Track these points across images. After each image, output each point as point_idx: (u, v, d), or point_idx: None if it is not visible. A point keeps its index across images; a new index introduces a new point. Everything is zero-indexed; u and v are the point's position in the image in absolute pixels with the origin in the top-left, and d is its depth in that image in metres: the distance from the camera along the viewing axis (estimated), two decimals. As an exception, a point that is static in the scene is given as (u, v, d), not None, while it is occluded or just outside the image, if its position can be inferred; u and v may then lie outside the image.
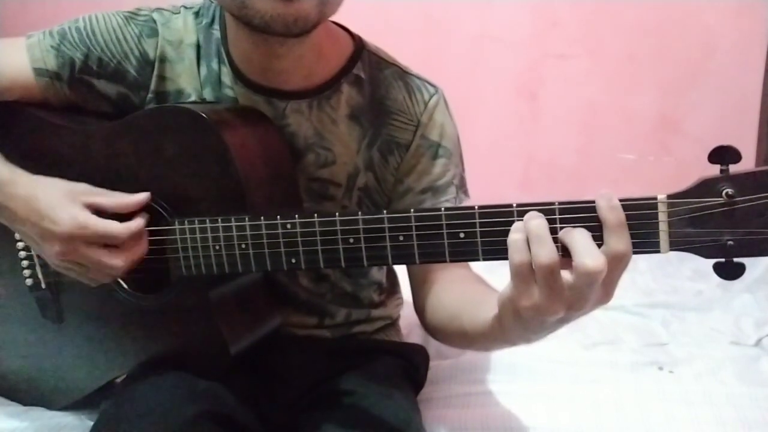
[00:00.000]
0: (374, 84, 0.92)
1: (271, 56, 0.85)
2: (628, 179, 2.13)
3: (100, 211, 0.79)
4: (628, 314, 1.47)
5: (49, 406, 0.99)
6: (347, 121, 0.91)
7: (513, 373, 1.15)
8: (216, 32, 0.90)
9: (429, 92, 0.93)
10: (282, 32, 0.77)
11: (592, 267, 0.56)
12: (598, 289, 0.58)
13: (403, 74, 0.94)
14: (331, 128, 0.90)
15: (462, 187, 0.96)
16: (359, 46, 0.93)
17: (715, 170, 0.58)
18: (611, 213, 0.58)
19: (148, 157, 0.82)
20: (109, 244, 0.78)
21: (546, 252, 0.58)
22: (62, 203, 0.78)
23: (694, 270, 1.71)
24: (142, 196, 0.80)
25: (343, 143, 0.91)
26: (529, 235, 0.59)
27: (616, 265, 0.58)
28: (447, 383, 1.12)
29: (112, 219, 0.79)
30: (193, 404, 0.79)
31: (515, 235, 0.60)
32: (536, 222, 0.59)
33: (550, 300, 0.59)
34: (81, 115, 0.90)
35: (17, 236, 0.91)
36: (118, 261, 0.78)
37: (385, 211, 0.67)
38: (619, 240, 0.58)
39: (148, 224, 0.82)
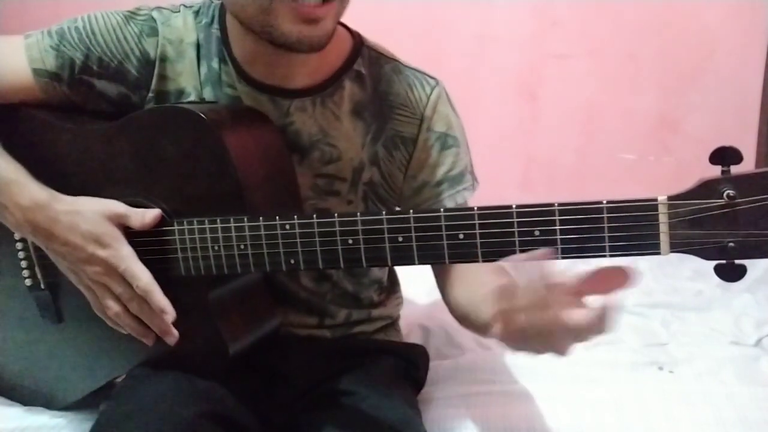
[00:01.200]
0: (375, 79, 0.93)
1: (277, 58, 0.86)
2: (628, 179, 2.13)
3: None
4: (628, 314, 1.46)
5: (50, 406, 0.99)
6: (350, 116, 0.91)
7: (513, 373, 1.16)
8: (216, 31, 0.90)
9: (430, 85, 0.94)
10: (307, 51, 0.79)
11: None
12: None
13: (402, 68, 0.95)
14: (335, 124, 0.91)
15: (472, 175, 0.98)
16: (358, 42, 0.94)
17: (715, 171, 0.58)
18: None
19: (147, 158, 0.82)
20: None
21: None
22: (104, 225, 0.78)
23: (694, 270, 1.71)
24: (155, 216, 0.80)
25: (347, 139, 0.91)
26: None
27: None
28: (447, 383, 1.11)
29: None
30: (192, 404, 0.79)
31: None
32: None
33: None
34: (80, 115, 0.90)
35: (16, 236, 0.91)
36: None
37: (384, 212, 0.67)
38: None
39: None
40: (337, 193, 0.93)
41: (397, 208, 0.97)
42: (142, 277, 0.77)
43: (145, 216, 0.80)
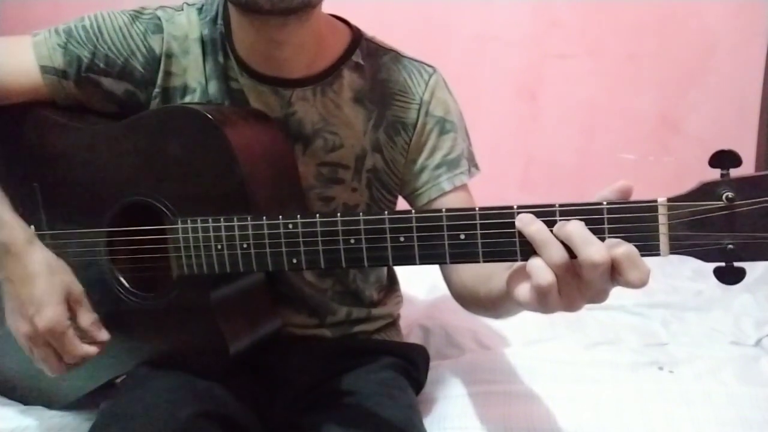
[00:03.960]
0: (374, 69, 0.95)
1: (273, 44, 0.87)
2: (628, 179, 2.12)
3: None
4: (628, 314, 1.47)
5: (50, 405, 0.99)
6: (351, 104, 0.93)
7: (513, 374, 1.16)
8: (220, 27, 0.92)
9: (428, 72, 0.97)
10: (269, 9, 0.79)
11: (597, 258, 0.57)
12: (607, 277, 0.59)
13: (400, 58, 0.97)
14: (336, 112, 0.93)
15: (472, 161, 1.00)
16: (357, 35, 0.96)
17: (715, 173, 0.58)
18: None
19: (152, 157, 0.83)
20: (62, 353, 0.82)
21: (556, 252, 0.59)
22: (55, 299, 0.80)
23: (694, 270, 1.71)
24: (105, 337, 0.85)
25: (348, 126, 0.93)
26: (532, 241, 0.61)
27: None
28: (447, 383, 1.12)
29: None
30: (192, 404, 0.79)
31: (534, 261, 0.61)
32: (535, 227, 0.61)
33: (569, 301, 0.61)
34: (87, 114, 0.91)
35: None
36: (56, 369, 0.84)
37: (386, 212, 0.67)
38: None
39: (151, 223, 0.82)
40: (341, 180, 0.95)
41: (399, 207, 0.98)
42: (77, 351, 0.82)
43: (94, 325, 0.84)
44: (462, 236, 0.65)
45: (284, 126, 0.91)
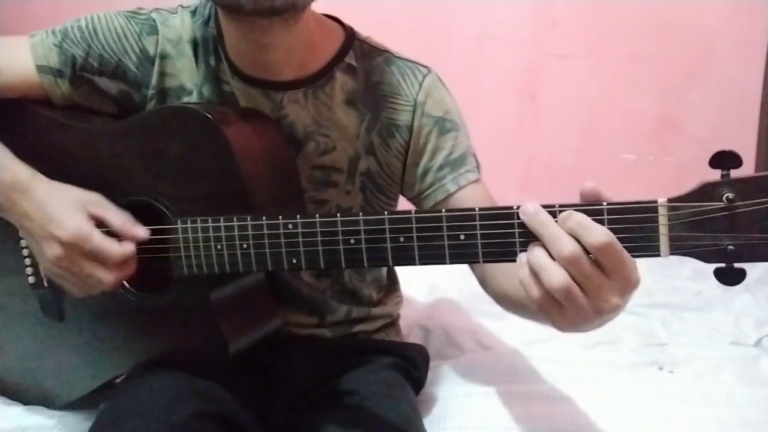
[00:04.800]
0: (367, 71, 0.94)
1: (260, 48, 0.87)
2: (628, 179, 2.13)
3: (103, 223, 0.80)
4: (628, 314, 1.46)
5: (50, 405, 0.99)
6: (344, 107, 0.93)
7: (513, 373, 1.15)
8: (212, 30, 0.92)
9: (422, 73, 0.96)
10: (251, 9, 0.78)
11: (604, 239, 0.58)
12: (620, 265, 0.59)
13: (394, 59, 0.96)
14: (328, 115, 0.92)
15: (475, 157, 0.98)
16: (350, 36, 0.96)
17: (715, 174, 0.58)
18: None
19: (152, 156, 0.83)
20: (102, 260, 0.78)
21: (555, 277, 0.59)
22: (71, 210, 0.78)
23: (694, 270, 1.71)
24: (144, 234, 0.80)
25: (341, 129, 0.93)
26: (532, 267, 0.61)
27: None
28: (447, 383, 1.12)
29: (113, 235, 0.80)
30: (192, 404, 0.79)
31: (523, 271, 0.61)
32: (535, 253, 0.61)
33: (579, 312, 0.62)
34: (86, 114, 0.91)
35: (21, 233, 0.92)
36: (108, 277, 0.79)
37: (386, 212, 0.68)
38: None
39: (150, 223, 0.82)
40: (334, 183, 0.95)
41: (400, 206, 0.98)
42: (113, 250, 0.77)
43: (127, 224, 0.80)
44: (462, 236, 0.65)
45: None
